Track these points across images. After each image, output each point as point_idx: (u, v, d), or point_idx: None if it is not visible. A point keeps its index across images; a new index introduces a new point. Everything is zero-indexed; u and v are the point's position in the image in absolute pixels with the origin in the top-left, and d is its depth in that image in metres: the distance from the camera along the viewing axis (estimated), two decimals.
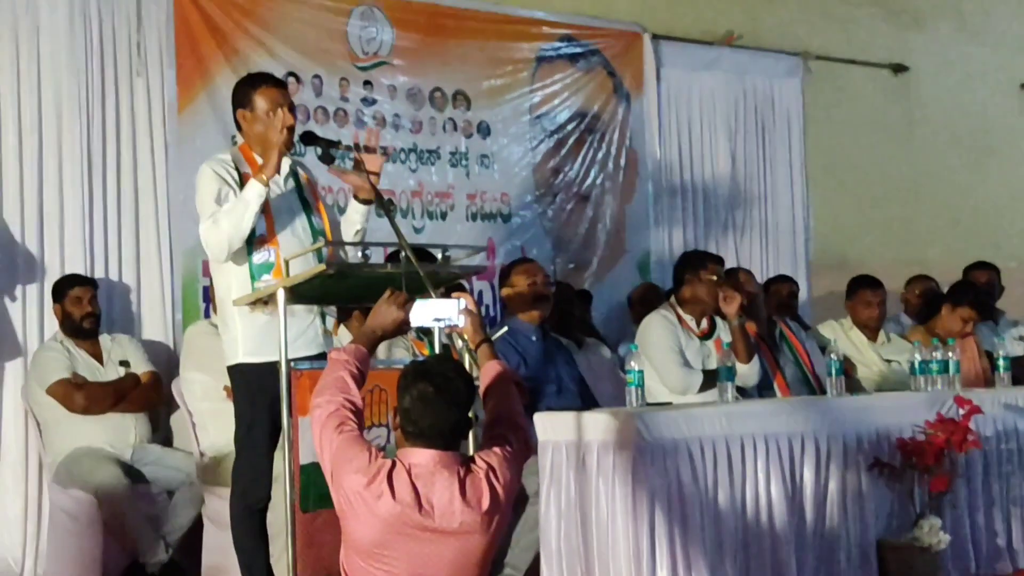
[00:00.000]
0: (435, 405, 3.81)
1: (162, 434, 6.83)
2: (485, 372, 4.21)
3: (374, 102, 8.05)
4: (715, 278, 6.65)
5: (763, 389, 6.86)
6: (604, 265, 8.99)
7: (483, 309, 8.24)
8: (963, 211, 10.87)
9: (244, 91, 5.28)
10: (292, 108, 5.26)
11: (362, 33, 8.01)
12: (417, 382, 3.83)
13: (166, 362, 6.95)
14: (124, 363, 6.72)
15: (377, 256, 6.06)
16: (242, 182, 5.10)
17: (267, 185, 4.95)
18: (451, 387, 3.82)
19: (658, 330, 6.65)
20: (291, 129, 5.21)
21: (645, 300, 8.02)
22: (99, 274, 6.97)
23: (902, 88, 10.76)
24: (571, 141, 8.92)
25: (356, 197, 5.24)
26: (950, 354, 6.45)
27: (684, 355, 6.60)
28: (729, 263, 9.04)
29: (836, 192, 10.24)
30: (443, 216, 8.30)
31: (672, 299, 6.83)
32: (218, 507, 5.97)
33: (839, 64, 10.32)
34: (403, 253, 4.71)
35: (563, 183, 8.86)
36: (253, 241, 5.05)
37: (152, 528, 6.36)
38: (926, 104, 10.88)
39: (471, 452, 4.46)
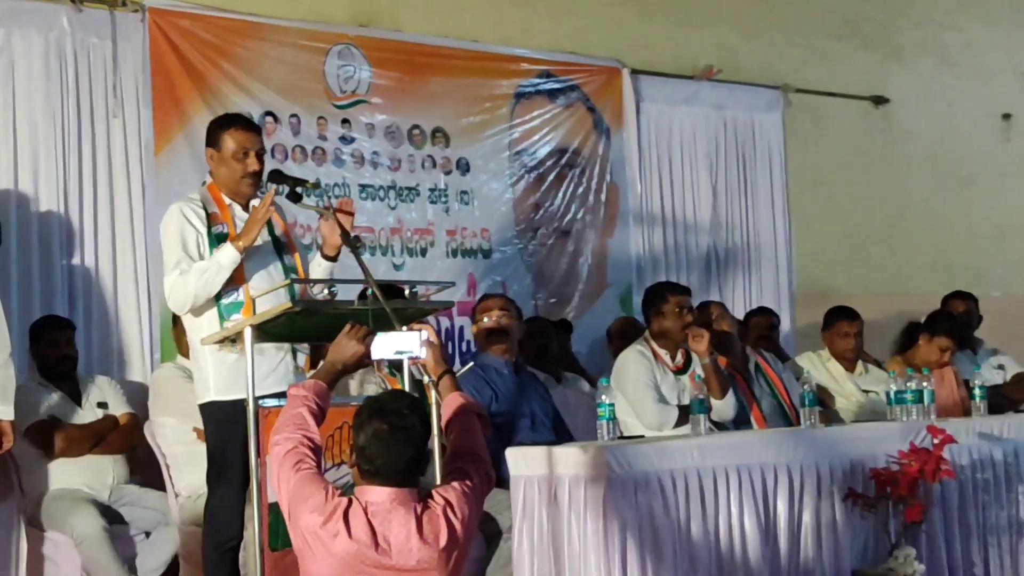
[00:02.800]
0: (390, 443, 3.80)
1: (141, 475, 6.81)
2: (447, 404, 4.22)
3: (352, 140, 8.09)
4: (678, 309, 6.65)
5: (741, 422, 6.86)
6: (586, 299, 9.00)
7: (465, 344, 8.26)
8: (946, 241, 10.89)
9: (215, 131, 5.34)
10: (261, 152, 5.31)
11: (339, 72, 8.05)
12: (372, 420, 3.82)
13: (144, 402, 6.93)
14: (102, 405, 6.69)
15: (352, 293, 6.06)
16: (210, 222, 5.13)
17: (243, 252, 4.98)
18: (406, 424, 3.82)
19: (633, 366, 6.64)
20: (257, 174, 5.27)
21: (624, 334, 8.01)
22: (77, 315, 6.97)
23: (883, 120, 10.79)
24: (551, 176, 8.95)
25: (323, 254, 5.25)
26: (925, 384, 6.45)
27: (660, 390, 6.59)
28: (712, 296, 9.10)
29: (818, 224, 10.26)
30: (423, 253, 8.32)
31: (646, 334, 6.84)
32: (193, 547, 5.95)
33: (819, 97, 10.36)
34: (370, 290, 4.74)
35: (544, 218, 8.89)
36: None
37: (130, 570, 6.34)
38: (907, 135, 10.91)
39: (438, 482, 4.46)
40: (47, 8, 7.05)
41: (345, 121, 8.06)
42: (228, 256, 5.01)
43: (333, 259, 5.24)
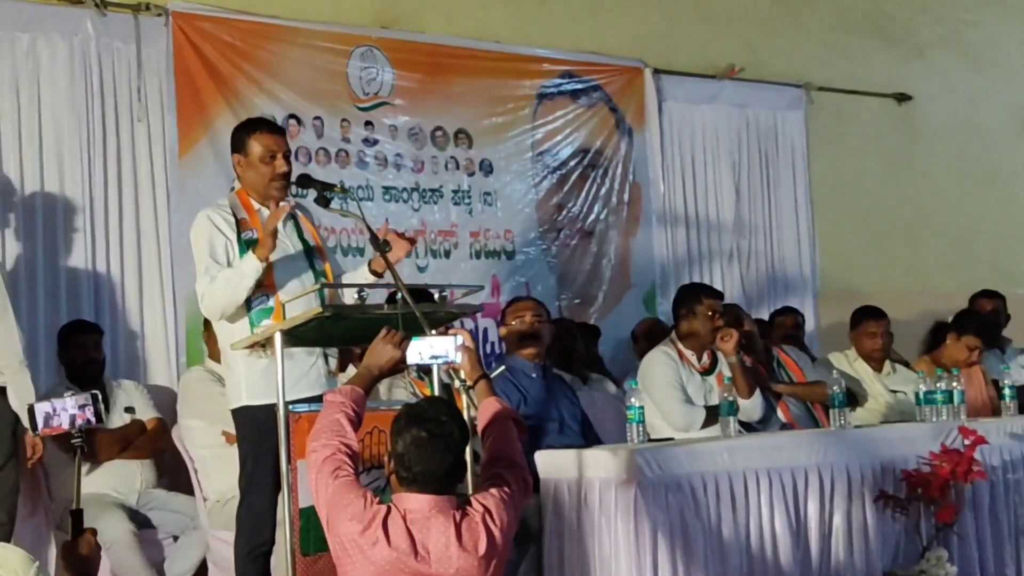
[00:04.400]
0: (429, 450, 3.79)
1: (168, 479, 6.82)
2: (483, 410, 4.20)
3: (376, 142, 8.08)
4: (711, 312, 6.62)
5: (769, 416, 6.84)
6: (609, 300, 8.99)
7: (489, 346, 8.25)
8: (970, 238, 10.85)
9: (240, 136, 5.32)
10: (288, 154, 5.29)
11: (362, 74, 8.04)
12: (410, 427, 3.81)
13: (171, 407, 6.93)
14: (129, 409, 6.70)
15: (380, 297, 6.05)
16: (239, 228, 5.13)
17: (264, 261, 4.96)
18: (444, 431, 3.81)
19: (659, 367, 6.62)
20: (286, 176, 5.25)
21: (649, 335, 8.00)
22: (103, 320, 6.98)
23: (906, 117, 10.76)
24: (574, 177, 8.94)
25: (370, 269, 5.18)
26: (955, 384, 6.42)
27: (686, 391, 6.57)
28: (736, 296, 9.08)
29: (842, 222, 10.23)
30: (447, 254, 8.31)
31: (673, 335, 6.82)
32: (222, 551, 5.95)
33: (842, 95, 10.33)
34: (400, 294, 4.72)
35: (567, 219, 8.87)
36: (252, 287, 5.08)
37: (158, 573, 6.34)
38: (930, 132, 10.87)
39: (470, 488, 4.44)
40: (71, 13, 7.06)
41: (368, 123, 8.06)
42: (250, 265, 4.98)
43: (379, 275, 5.18)
